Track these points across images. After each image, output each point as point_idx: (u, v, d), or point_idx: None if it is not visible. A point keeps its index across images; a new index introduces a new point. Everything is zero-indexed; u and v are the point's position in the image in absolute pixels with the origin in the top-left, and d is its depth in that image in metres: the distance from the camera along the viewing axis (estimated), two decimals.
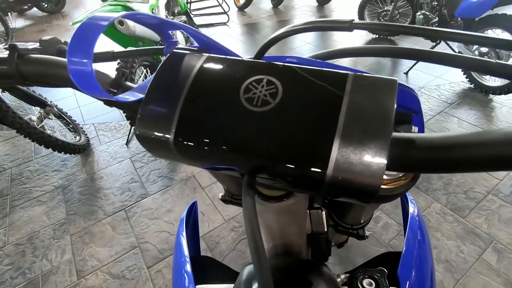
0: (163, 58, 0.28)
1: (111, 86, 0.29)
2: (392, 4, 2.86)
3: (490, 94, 2.17)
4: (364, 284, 0.34)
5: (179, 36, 2.28)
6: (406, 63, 2.74)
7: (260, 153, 0.20)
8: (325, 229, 0.37)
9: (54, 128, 1.90)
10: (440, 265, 1.20)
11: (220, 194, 0.49)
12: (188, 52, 0.26)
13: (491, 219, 1.35)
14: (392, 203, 1.45)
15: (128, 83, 0.30)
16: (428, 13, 2.40)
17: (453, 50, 2.31)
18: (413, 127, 0.26)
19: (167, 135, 0.22)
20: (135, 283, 1.22)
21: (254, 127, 0.20)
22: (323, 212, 0.37)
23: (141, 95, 0.25)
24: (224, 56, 0.25)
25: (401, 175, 0.23)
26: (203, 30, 3.81)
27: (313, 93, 0.21)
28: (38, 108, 1.72)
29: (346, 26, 0.24)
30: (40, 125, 1.68)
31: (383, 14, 3.05)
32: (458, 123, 1.93)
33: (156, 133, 0.22)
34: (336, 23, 0.25)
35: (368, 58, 2.91)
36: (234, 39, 3.59)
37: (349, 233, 0.41)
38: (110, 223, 1.47)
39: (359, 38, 3.34)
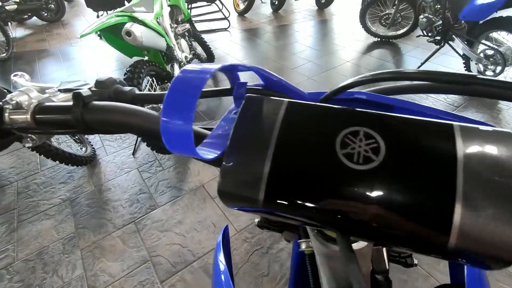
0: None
1: None
2: (394, 7, 2.87)
3: None
4: None
5: (183, 44, 2.28)
6: (409, 66, 2.74)
7: (369, 218, 0.18)
8: (387, 267, 0.36)
9: (60, 139, 1.88)
10: None
11: (256, 220, 0.47)
12: (265, 97, 0.24)
13: None
14: None
15: (198, 129, 0.27)
16: (431, 16, 2.40)
17: (457, 52, 2.31)
18: None
19: (256, 194, 0.20)
20: None
21: (360, 188, 0.19)
22: (384, 249, 0.35)
23: (220, 149, 0.23)
24: (306, 102, 0.23)
25: None
26: (205, 37, 3.79)
27: (420, 149, 0.19)
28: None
29: (465, 81, 0.21)
30: None
31: (384, 17, 3.06)
32: None
33: (243, 192, 0.21)
34: (456, 76, 0.22)
35: (371, 63, 2.91)
36: (235, 45, 3.59)
37: (397, 261, 0.39)
38: (120, 236, 1.45)
39: (359, 42, 3.34)
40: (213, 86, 2.73)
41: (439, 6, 2.33)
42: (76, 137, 1.96)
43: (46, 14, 4.78)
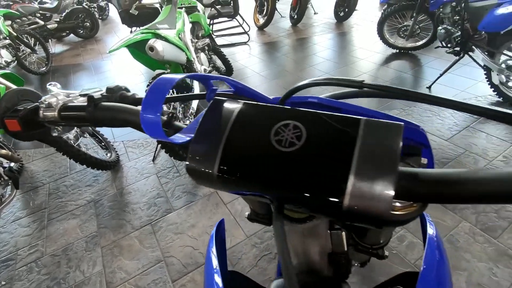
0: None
1: (163, 126, 0.34)
2: (412, 19, 2.86)
3: None
4: None
5: (202, 57, 2.41)
6: (428, 78, 2.70)
7: (288, 187, 0.24)
8: (345, 249, 0.40)
9: (88, 145, 2.05)
10: None
11: (246, 213, 0.52)
12: (227, 99, 0.30)
13: None
14: (416, 223, 1.41)
15: (177, 124, 0.35)
16: (450, 27, 2.37)
17: (478, 63, 2.26)
18: (422, 159, 0.29)
19: (211, 170, 0.26)
20: None
21: (283, 164, 0.24)
22: (343, 233, 0.40)
23: (190, 136, 0.30)
24: (257, 103, 0.29)
25: (411, 202, 0.26)
26: (226, 50, 3.96)
27: (331, 136, 0.25)
28: (75, 128, 1.86)
29: (357, 85, 0.28)
30: (76, 143, 1.82)
31: (403, 29, 3.06)
32: (486, 138, 1.87)
33: (202, 168, 0.27)
34: (348, 81, 0.29)
35: (389, 74, 2.90)
36: (254, 58, 3.71)
37: (369, 253, 0.42)
38: (138, 237, 1.54)
39: (378, 54, 3.34)
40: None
41: (457, 17, 2.30)
42: (103, 143, 2.11)
43: (82, 32, 5.21)
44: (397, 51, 3.29)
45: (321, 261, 0.39)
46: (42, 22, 4.58)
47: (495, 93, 2.21)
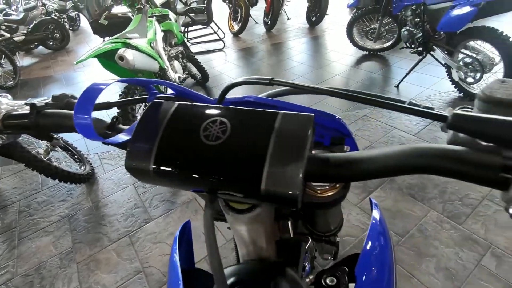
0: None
1: (107, 129, 0.36)
2: (379, 22, 3.00)
3: None
4: (328, 282, 0.39)
5: (176, 65, 2.41)
6: (396, 77, 2.83)
7: (214, 176, 0.26)
8: (291, 235, 0.43)
9: (60, 159, 1.98)
10: (439, 273, 1.21)
11: None
12: (164, 101, 0.33)
13: (488, 225, 1.37)
14: (390, 215, 1.48)
15: (121, 126, 0.36)
16: (412, 29, 2.51)
17: (439, 62, 2.40)
18: (345, 146, 0.32)
19: (147, 166, 0.28)
20: None
21: (209, 157, 0.27)
22: (289, 221, 0.42)
23: (129, 137, 0.31)
24: (190, 103, 0.32)
25: (333, 184, 0.29)
26: (201, 57, 3.96)
27: (252, 129, 0.27)
28: (45, 141, 1.80)
29: (267, 82, 0.31)
30: (47, 158, 1.76)
31: (370, 31, 3.20)
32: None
33: (139, 165, 0.28)
34: (260, 79, 0.32)
35: (360, 75, 3.02)
36: (230, 64, 3.74)
37: (322, 240, 0.45)
38: (115, 249, 1.51)
39: (349, 57, 3.47)
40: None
41: (418, 19, 2.44)
42: (76, 156, 2.06)
43: (51, 43, 5.05)
44: (367, 52, 3.43)
45: (269, 248, 0.41)
46: (7, 35, 4.41)
47: (456, 89, 2.35)
